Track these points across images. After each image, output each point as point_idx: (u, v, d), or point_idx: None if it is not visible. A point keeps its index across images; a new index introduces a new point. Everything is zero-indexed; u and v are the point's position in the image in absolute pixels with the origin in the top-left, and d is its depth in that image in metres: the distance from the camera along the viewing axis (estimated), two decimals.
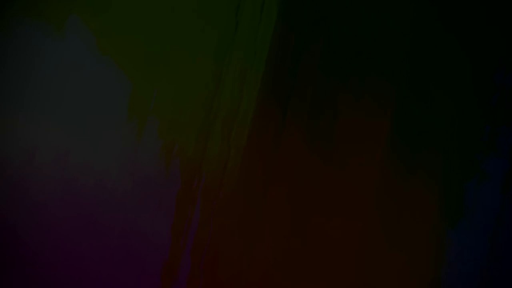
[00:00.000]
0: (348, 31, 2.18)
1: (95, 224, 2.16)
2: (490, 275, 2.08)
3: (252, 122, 2.17)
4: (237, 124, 2.17)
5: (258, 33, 2.18)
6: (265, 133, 2.17)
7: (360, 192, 2.16)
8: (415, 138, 2.16)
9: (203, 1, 2.18)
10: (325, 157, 2.17)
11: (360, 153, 2.16)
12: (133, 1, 2.18)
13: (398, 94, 2.17)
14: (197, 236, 2.16)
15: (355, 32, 2.18)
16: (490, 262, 2.08)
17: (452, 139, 2.15)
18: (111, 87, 2.18)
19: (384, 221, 2.16)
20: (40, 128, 2.17)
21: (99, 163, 2.17)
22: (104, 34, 2.18)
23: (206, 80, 2.18)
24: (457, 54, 2.17)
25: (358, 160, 2.16)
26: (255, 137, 2.17)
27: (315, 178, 2.17)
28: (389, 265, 2.15)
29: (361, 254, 2.16)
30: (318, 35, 2.18)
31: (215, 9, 2.18)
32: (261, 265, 2.16)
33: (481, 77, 2.15)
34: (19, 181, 2.17)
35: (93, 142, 2.18)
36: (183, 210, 2.17)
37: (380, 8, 2.17)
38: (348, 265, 2.16)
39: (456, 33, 2.17)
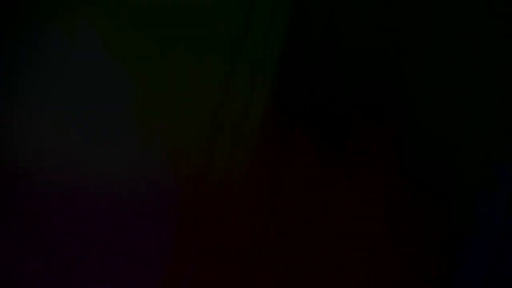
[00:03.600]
0: (359, 37, 2.18)
1: (100, 227, 2.16)
2: (499, 285, 2.08)
3: (261, 127, 2.17)
4: (246, 130, 2.17)
5: (269, 38, 2.18)
6: (274, 138, 2.17)
7: (369, 200, 2.17)
8: (424, 146, 2.17)
9: (213, 6, 2.19)
10: (334, 163, 2.17)
11: (369, 160, 2.17)
12: (143, 6, 2.19)
13: (409, 102, 2.17)
14: (203, 242, 2.16)
15: (366, 38, 2.18)
16: (499, 271, 2.09)
17: (461, 148, 2.16)
18: (119, 91, 2.18)
19: (392, 229, 2.16)
20: (47, 132, 2.17)
21: (105, 167, 2.17)
22: (114, 38, 2.17)
23: (215, 85, 2.18)
24: (463, 62, 2.17)
25: (367, 167, 2.17)
26: (263, 143, 2.17)
27: (324, 184, 2.17)
28: (398, 273, 2.16)
29: (369, 261, 2.16)
30: (329, 41, 2.18)
31: (225, 14, 2.19)
32: (270, 270, 2.16)
33: (490, 86, 2.16)
34: (24, 184, 2.17)
35: (100, 146, 2.18)
36: (190, 215, 2.17)
37: (392, 15, 2.18)
38: (356, 270, 2.16)
39: (462, 41, 2.18)
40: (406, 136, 2.17)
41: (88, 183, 2.16)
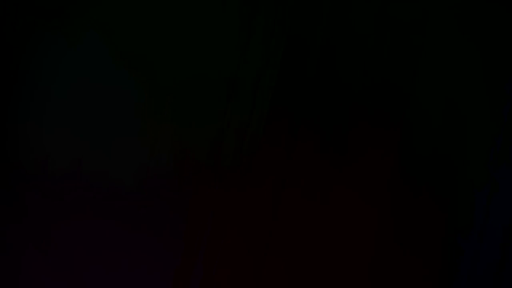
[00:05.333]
0: (361, 40, 2.18)
1: (107, 231, 2.17)
2: (502, 284, 2.07)
3: (265, 132, 2.17)
4: (249, 134, 2.17)
5: (271, 43, 2.18)
6: (277, 142, 2.17)
7: (371, 201, 2.16)
8: (426, 148, 2.16)
9: (217, 13, 2.19)
10: (336, 166, 2.16)
11: (371, 162, 2.16)
12: (147, 17, 2.19)
13: (410, 104, 2.16)
14: (209, 244, 2.16)
15: (367, 40, 2.18)
16: (502, 271, 2.08)
17: (463, 149, 2.15)
18: (125, 98, 2.18)
19: (394, 230, 2.15)
20: (54, 138, 2.17)
21: (112, 172, 2.17)
22: (118, 48, 2.18)
23: (219, 90, 2.18)
24: (467, 64, 2.16)
25: (369, 169, 2.16)
26: (267, 147, 2.17)
27: (326, 187, 2.16)
28: (400, 274, 2.15)
29: (372, 262, 2.16)
30: (331, 47, 2.18)
31: (228, 21, 2.18)
32: (275, 270, 2.16)
33: (493, 87, 2.15)
34: (32, 189, 2.17)
35: (107, 151, 2.18)
36: (196, 218, 2.17)
37: (393, 17, 2.17)
38: (358, 272, 2.16)
39: (468, 44, 2.17)
40: (408, 136, 2.16)
41: (95, 186, 2.16)
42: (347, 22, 2.17)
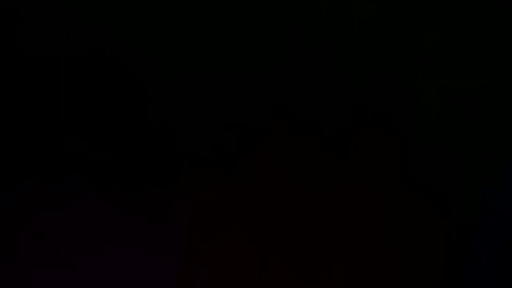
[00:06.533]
0: (362, 44, 2.19)
1: (107, 231, 2.17)
2: (507, 285, 2.07)
3: (265, 131, 2.18)
4: (250, 134, 2.18)
5: (272, 42, 2.19)
6: (278, 142, 2.18)
7: (373, 201, 2.16)
8: (429, 147, 2.16)
9: (217, 11, 2.20)
10: (337, 166, 2.17)
11: (373, 163, 2.17)
12: (149, 14, 2.20)
13: (412, 103, 2.17)
14: (212, 246, 2.16)
15: (369, 42, 2.18)
16: (507, 271, 2.08)
17: (468, 146, 2.15)
18: (124, 96, 2.19)
19: (397, 230, 2.16)
20: (55, 136, 2.18)
21: (111, 170, 2.17)
22: (119, 46, 2.19)
23: (219, 89, 2.19)
24: (471, 62, 2.17)
25: (371, 169, 2.17)
26: (267, 147, 2.18)
27: (329, 186, 2.17)
28: (402, 275, 2.15)
29: (373, 262, 2.16)
30: (332, 47, 2.18)
31: (228, 19, 2.19)
32: (278, 269, 2.16)
33: (497, 85, 2.16)
34: (34, 182, 2.17)
35: (107, 150, 2.18)
36: (197, 218, 2.17)
37: (394, 16, 2.18)
38: (359, 272, 2.16)
39: (471, 41, 2.18)
40: (411, 136, 2.17)
41: (95, 186, 2.17)
42: (349, 21, 2.18)
